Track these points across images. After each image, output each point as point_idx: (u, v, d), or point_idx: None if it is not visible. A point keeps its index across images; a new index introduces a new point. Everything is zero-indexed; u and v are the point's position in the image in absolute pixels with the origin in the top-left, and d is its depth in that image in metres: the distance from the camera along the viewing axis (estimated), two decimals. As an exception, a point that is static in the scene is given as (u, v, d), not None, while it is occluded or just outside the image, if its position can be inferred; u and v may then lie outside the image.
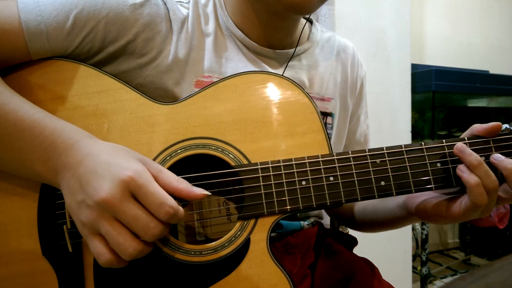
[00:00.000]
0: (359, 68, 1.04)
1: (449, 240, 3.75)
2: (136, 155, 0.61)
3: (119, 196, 0.55)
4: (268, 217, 0.68)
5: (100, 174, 0.57)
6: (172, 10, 0.80)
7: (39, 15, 0.69)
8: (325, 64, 0.97)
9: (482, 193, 0.65)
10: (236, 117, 0.72)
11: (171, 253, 0.67)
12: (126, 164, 0.58)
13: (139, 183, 0.56)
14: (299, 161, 0.69)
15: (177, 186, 0.60)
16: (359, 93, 1.04)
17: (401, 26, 2.39)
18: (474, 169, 0.66)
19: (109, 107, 0.71)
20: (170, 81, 0.79)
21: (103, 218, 0.56)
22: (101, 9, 0.72)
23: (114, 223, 0.56)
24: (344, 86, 0.99)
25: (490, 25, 3.86)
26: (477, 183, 0.65)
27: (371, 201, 0.93)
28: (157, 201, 0.56)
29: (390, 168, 0.69)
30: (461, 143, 0.69)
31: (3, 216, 0.68)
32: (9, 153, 0.64)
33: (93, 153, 0.60)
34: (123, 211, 0.55)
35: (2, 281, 0.67)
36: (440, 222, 0.73)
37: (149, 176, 0.57)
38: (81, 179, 0.58)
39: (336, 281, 0.84)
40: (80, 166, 0.59)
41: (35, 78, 0.71)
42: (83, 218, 0.57)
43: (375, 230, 1.00)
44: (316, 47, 0.98)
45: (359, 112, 1.06)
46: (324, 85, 0.95)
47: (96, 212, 0.56)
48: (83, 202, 0.57)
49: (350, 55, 1.02)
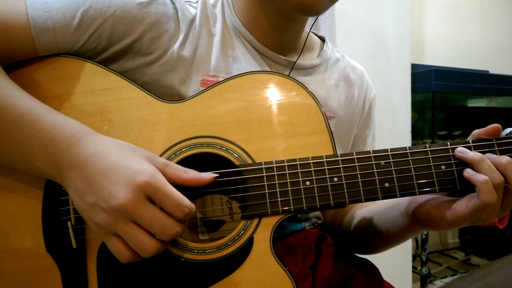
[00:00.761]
0: (368, 90, 1.04)
1: (449, 240, 3.76)
2: (143, 153, 0.62)
3: (136, 201, 0.56)
4: (272, 216, 0.69)
5: (113, 178, 0.58)
6: (181, 10, 0.80)
7: (46, 12, 0.69)
8: (331, 82, 0.97)
9: (491, 190, 0.65)
10: (241, 117, 0.72)
11: (175, 251, 0.67)
12: (137, 166, 0.59)
13: (155, 187, 0.57)
14: (303, 161, 0.70)
15: (186, 176, 0.63)
16: (367, 115, 1.04)
17: (401, 26, 2.39)
18: (478, 165, 0.66)
19: (114, 105, 0.71)
20: (175, 80, 0.79)
21: (120, 222, 0.58)
22: (108, 7, 0.72)
23: (132, 225, 0.58)
24: (349, 106, 0.99)
25: (490, 25, 3.87)
26: (485, 180, 0.65)
27: (372, 214, 0.92)
28: (174, 203, 0.58)
29: (395, 170, 0.69)
30: (461, 146, 0.70)
31: (7, 212, 0.69)
32: (9, 147, 0.64)
33: (98, 152, 0.61)
34: (141, 215, 0.57)
35: (6, 277, 0.67)
36: (443, 226, 0.72)
37: (163, 178, 0.59)
38: (91, 181, 0.59)
39: (336, 281, 0.84)
40: (87, 167, 0.60)
41: (41, 75, 0.71)
42: (98, 220, 0.59)
43: (376, 247, 0.96)
44: (326, 65, 0.98)
45: (366, 134, 1.06)
46: (328, 103, 0.95)
47: (113, 216, 0.57)
48: (96, 205, 0.58)
49: (358, 76, 1.02)
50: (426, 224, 0.75)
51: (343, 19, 2.18)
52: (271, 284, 0.67)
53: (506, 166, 0.66)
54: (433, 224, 0.73)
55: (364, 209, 0.96)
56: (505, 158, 0.67)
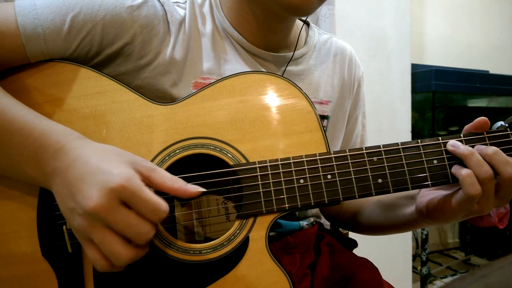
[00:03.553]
0: (356, 69, 1.04)
1: (449, 240, 3.75)
2: (127, 157, 0.60)
3: (108, 205, 0.54)
4: (267, 215, 0.69)
5: (88, 182, 0.55)
6: (170, 11, 0.80)
7: (36, 18, 0.70)
8: (322, 67, 0.97)
9: (473, 183, 0.66)
10: (234, 117, 0.72)
11: (171, 253, 0.67)
12: (115, 170, 0.56)
13: (130, 191, 0.54)
14: (297, 159, 0.70)
15: (172, 185, 0.59)
16: (356, 94, 1.04)
17: (401, 26, 2.40)
18: (467, 159, 0.67)
19: (107, 108, 0.72)
20: (168, 83, 0.79)
21: (94, 227, 0.55)
22: (98, 11, 0.73)
23: (106, 232, 0.55)
24: (341, 88, 0.99)
25: (490, 25, 3.86)
26: (467, 174, 0.66)
27: (380, 205, 0.93)
28: (150, 207, 0.55)
29: (387, 166, 0.69)
30: (453, 140, 0.70)
31: (2, 217, 0.68)
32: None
33: (81, 157, 0.59)
34: (114, 219, 0.54)
35: (2, 283, 0.67)
36: (441, 219, 0.73)
37: (139, 182, 0.56)
38: (70, 186, 0.57)
39: (336, 281, 0.83)
40: (69, 172, 0.58)
41: (34, 80, 0.72)
42: (75, 225, 0.57)
43: (379, 233, 0.99)
44: (313, 51, 0.98)
45: (356, 112, 1.06)
46: (322, 89, 0.95)
47: (87, 221, 0.55)
48: (74, 210, 0.56)
49: (348, 56, 1.02)
50: (425, 216, 0.76)
51: (343, 19, 2.19)
52: (268, 282, 0.67)
53: (492, 156, 0.67)
54: (431, 217, 0.75)
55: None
56: (492, 148, 0.68)
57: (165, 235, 0.68)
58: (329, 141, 0.73)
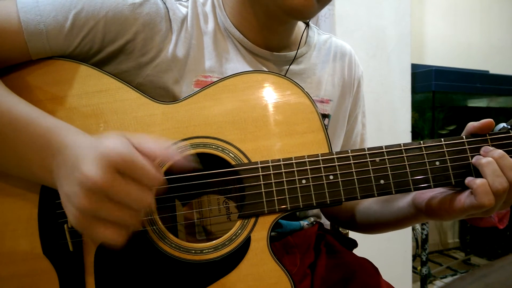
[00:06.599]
0: (356, 68, 1.04)
1: (449, 240, 3.75)
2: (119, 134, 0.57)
3: (109, 176, 0.52)
4: (269, 215, 0.69)
5: (85, 158, 0.54)
6: (172, 9, 0.80)
7: (38, 15, 0.69)
8: (323, 66, 0.97)
9: (487, 193, 0.65)
10: (236, 117, 0.72)
11: (172, 252, 0.67)
12: (109, 142, 0.54)
13: (127, 160, 0.53)
14: (299, 160, 0.70)
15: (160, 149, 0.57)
16: (356, 93, 1.05)
17: (401, 26, 2.39)
18: (483, 168, 0.67)
19: (109, 107, 0.71)
20: (169, 81, 0.79)
21: (99, 202, 0.53)
22: (100, 8, 0.72)
23: (110, 202, 0.53)
24: (342, 87, 1.00)
25: (490, 25, 3.86)
26: (482, 183, 0.66)
27: (377, 201, 0.93)
28: (149, 174, 0.54)
29: (389, 167, 0.69)
30: (485, 146, 0.70)
31: (3, 216, 0.68)
32: (5, 152, 0.64)
33: (77, 143, 0.58)
34: (117, 190, 0.53)
35: (3, 281, 0.67)
36: (444, 217, 0.73)
37: (135, 150, 0.54)
38: (71, 171, 0.55)
39: (336, 281, 0.83)
40: (69, 161, 0.57)
41: (35, 78, 0.72)
42: (81, 207, 0.53)
43: (379, 230, 1.00)
44: (314, 51, 0.98)
45: (356, 111, 1.06)
46: (323, 87, 0.96)
47: (93, 197, 0.52)
48: (73, 192, 0.54)
49: (347, 56, 1.03)
50: (429, 214, 0.76)
51: (343, 19, 2.19)
52: (269, 282, 0.67)
53: (497, 160, 0.67)
54: (435, 215, 0.74)
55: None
56: (498, 152, 0.68)
57: (165, 234, 0.68)
58: (331, 140, 0.73)
